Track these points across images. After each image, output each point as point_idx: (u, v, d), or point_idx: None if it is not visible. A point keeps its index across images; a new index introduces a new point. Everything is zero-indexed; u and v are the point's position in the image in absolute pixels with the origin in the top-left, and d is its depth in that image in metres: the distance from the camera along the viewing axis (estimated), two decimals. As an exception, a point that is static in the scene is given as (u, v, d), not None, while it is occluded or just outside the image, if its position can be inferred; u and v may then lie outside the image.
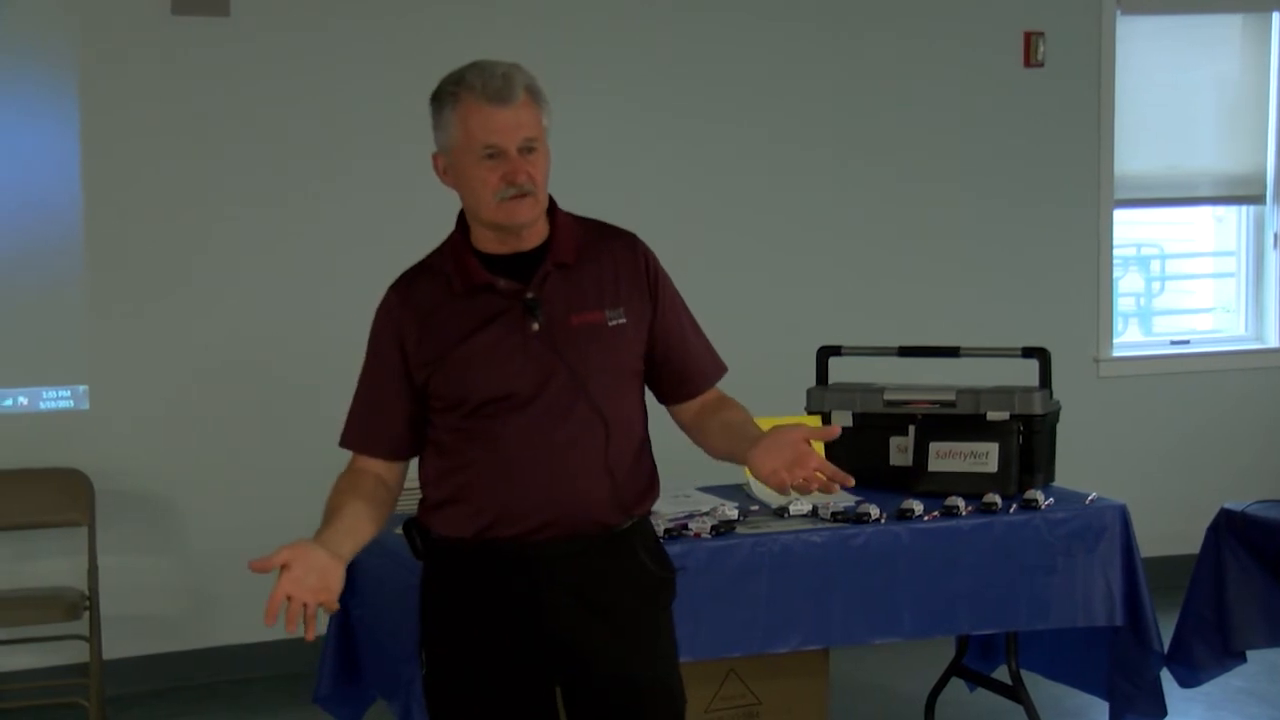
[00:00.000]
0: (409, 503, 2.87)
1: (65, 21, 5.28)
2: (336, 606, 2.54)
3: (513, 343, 2.67)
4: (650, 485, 2.82)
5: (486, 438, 2.68)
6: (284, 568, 2.49)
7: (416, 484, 2.82)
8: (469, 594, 2.73)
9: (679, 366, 2.84)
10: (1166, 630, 4.26)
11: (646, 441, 2.82)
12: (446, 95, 2.68)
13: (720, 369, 2.92)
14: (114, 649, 5.21)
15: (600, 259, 2.76)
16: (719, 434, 2.82)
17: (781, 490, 2.61)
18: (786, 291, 6.11)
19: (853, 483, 2.59)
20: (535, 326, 2.67)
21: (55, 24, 5.28)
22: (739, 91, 6.04)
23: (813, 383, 4.58)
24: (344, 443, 2.83)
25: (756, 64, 6.05)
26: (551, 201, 2.76)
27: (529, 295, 2.68)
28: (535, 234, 2.73)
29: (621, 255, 2.79)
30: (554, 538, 2.69)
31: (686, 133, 5.96)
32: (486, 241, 2.73)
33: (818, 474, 2.58)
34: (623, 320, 2.74)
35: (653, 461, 2.84)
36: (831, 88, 6.16)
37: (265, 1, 5.48)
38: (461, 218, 2.78)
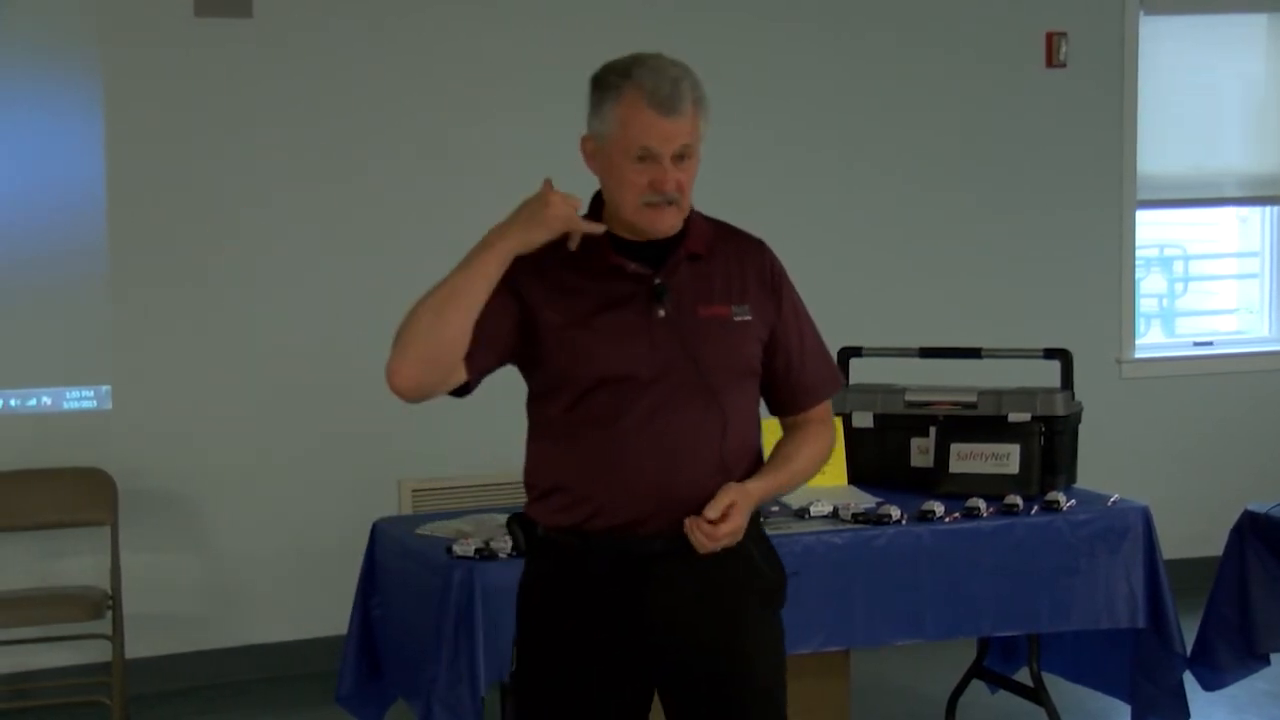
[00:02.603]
0: (516, 496, 2.80)
1: (89, 24, 5.30)
2: None
3: (637, 327, 2.62)
4: None
5: (600, 420, 2.61)
6: None
7: (519, 480, 2.76)
8: (571, 590, 2.66)
9: (794, 380, 2.78)
10: (1189, 632, 4.25)
11: (760, 447, 2.75)
12: (610, 85, 2.60)
13: (835, 385, 2.87)
14: (137, 648, 5.22)
15: (729, 256, 2.73)
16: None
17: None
18: (808, 293, 6.08)
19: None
20: (661, 313, 2.63)
21: (79, 27, 5.30)
22: (767, 93, 6.02)
23: (834, 384, 4.57)
24: None
25: (785, 66, 6.03)
26: None
27: (657, 281, 2.64)
28: None
29: (750, 256, 2.76)
30: (659, 532, 2.61)
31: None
32: (621, 227, 2.67)
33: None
34: (748, 318, 2.70)
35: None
36: (853, 89, 6.15)
37: (288, 3, 5.49)
38: (596, 197, 2.72)
